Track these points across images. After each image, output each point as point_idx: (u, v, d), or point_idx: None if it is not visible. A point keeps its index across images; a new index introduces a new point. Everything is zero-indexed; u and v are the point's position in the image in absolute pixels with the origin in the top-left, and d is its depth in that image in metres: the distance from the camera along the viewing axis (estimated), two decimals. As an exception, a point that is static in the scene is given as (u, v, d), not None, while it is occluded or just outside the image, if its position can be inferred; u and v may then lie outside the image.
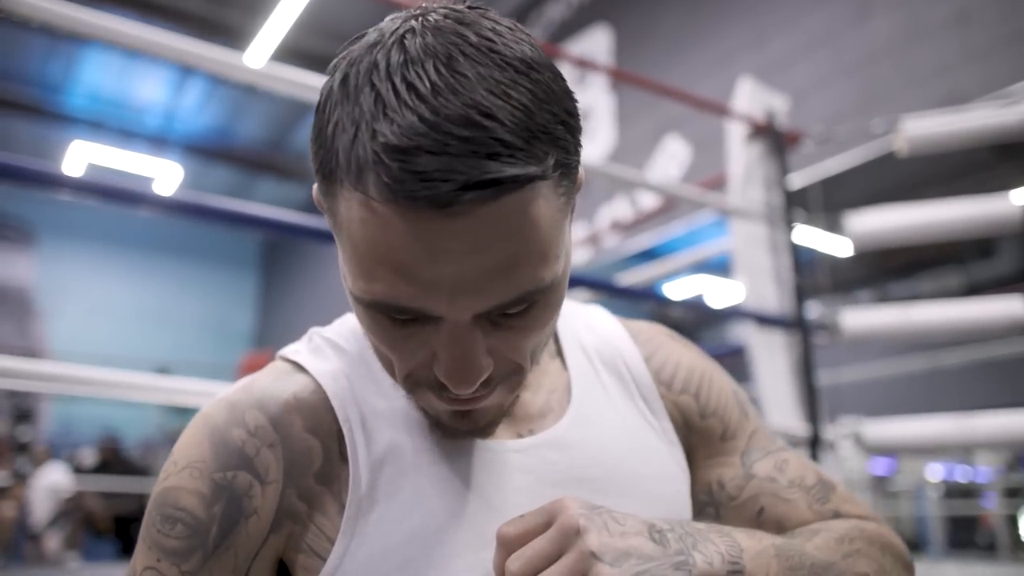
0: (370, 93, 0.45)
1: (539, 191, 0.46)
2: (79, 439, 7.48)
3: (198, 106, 7.68)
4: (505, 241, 0.45)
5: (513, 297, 0.47)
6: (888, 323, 2.01)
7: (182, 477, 0.55)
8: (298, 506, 0.56)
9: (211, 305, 10.39)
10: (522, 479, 0.58)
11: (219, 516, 0.54)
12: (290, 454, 0.57)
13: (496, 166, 0.43)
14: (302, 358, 0.62)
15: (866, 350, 7.36)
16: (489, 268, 0.46)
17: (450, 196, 0.42)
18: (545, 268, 0.48)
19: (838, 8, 3.87)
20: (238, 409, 0.58)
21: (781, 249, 2.16)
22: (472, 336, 0.49)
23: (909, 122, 2.03)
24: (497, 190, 0.43)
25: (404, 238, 0.44)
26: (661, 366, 0.69)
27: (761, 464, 0.66)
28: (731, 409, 0.69)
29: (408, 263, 0.45)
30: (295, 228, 1.35)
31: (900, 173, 4.31)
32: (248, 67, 1.37)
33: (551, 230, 0.48)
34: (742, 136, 2.24)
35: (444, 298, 0.46)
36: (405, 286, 0.46)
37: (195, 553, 0.53)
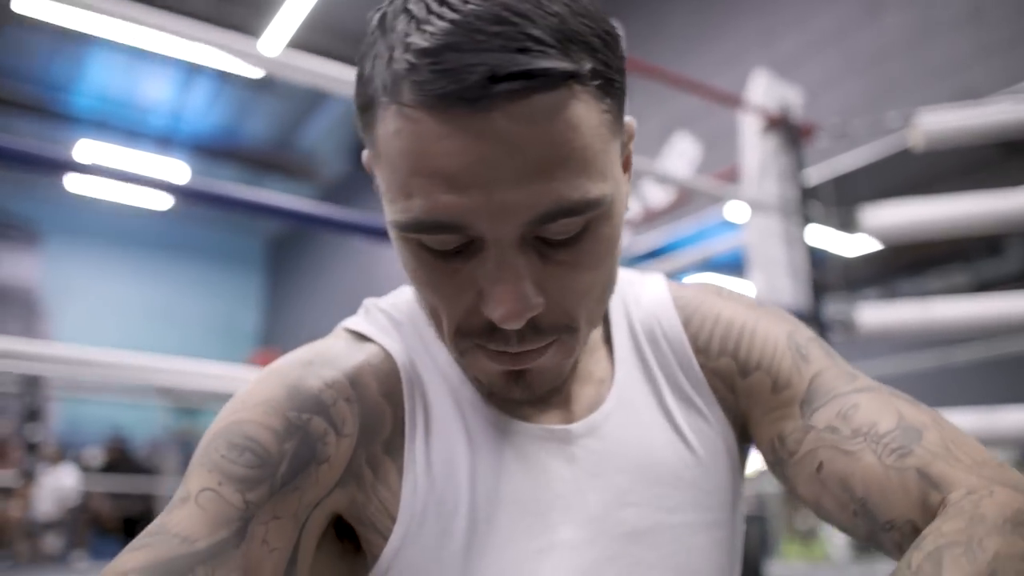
0: (404, 17, 0.44)
1: (576, 96, 0.44)
2: (86, 439, 7.49)
3: (204, 105, 7.69)
4: (543, 142, 0.43)
5: (556, 207, 0.44)
6: (905, 319, 1.99)
7: (255, 412, 0.51)
8: (364, 470, 0.54)
9: (217, 305, 10.41)
10: (568, 469, 0.57)
11: (290, 454, 0.50)
12: (365, 414, 0.54)
13: (526, 59, 0.41)
14: (364, 328, 0.60)
15: (879, 346, 7.33)
16: (528, 170, 0.43)
17: (479, 89, 0.41)
18: (588, 180, 0.45)
19: (849, 4, 3.86)
20: (313, 365, 0.55)
21: (796, 243, 2.14)
22: (518, 262, 0.46)
23: (925, 116, 2.01)
24: (529, 84, 0.42)
25: (439, 141, 0.43)
26: (698, 330, 0.65)
27: (823, 412, 0.57)
28: (781, 356, 0.62)
29: (444, 167, 0.43)
30: (307, 217, 1.33)
31: (911, 170, 4.29)
32: (263, 55, 1.36)
33: (594, 141, 0.45)
34: (757, 129, 2.22)
35: (482, 206, 0.44)
36: (442, 194, 0.44)
37: (262, 484, 0.48)
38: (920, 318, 1.97)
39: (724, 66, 4.39)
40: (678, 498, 0.58)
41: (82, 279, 9.38)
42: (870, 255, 6.67)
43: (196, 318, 10.04)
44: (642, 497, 0.57)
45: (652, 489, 0.57)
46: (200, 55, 1.33)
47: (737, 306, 0.66)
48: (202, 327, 10.04)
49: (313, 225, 1.36)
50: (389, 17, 0.46)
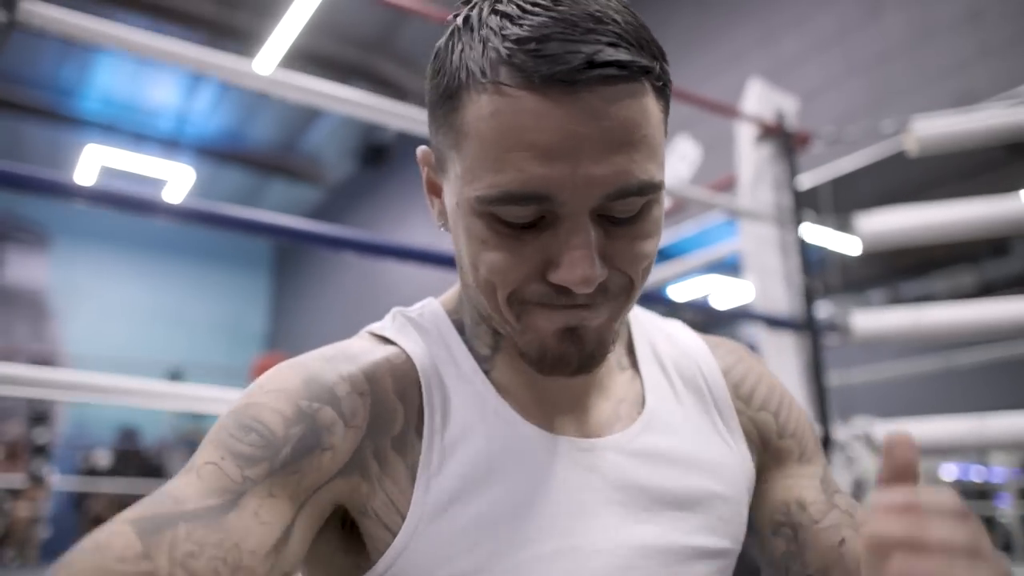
0: (495, 17, 0.51)
1: (647, 90, 0.51)
2: (94, 440, 7.54)
3: (210, 109, 7.73)
4: (624, 125, 0.49)
5: (629, 184, 0.50)
6: (899, 324, 2.00)
7: (267, 397, 0.55)
8: (370, 463, 0.56)
9: (224, 307, 10.45)
10: (588, 479, 0.59)
11: (295, 439, 0.53)
12: (377, 409, 0.57)
13: (616, 51, 0.48)
14: (389, 333, 0.63)
15: (880, 350, 7.32)
16: (611, 148, 0.49)
17: (578, 73, 0.47)
18: (653, 164, 0.52)
19: (849, 7, 3.86)
20: (332, 360, 0.58)
21: (791, 250, 2.15)
22: (592, 235, 0.51)
23: (919, 122, 2.02)
24: (619, 72, 0.48)
25: (535, 118, 0.48)
26: (740, 380, 0.70)
27: (841, 497, 0.66)
28: (808, 435, 0.70)
29: (539, 142, 0.48)
30: (305, 235, 1.36)
31: (912, 173, 4.29)
32: (258, 74, 1.38)
33: (657, 132, 0.52)
34: (751, 137, 2.23)
35: (568, 177, 0.49)
36: (535, 167, 0.49)
37: (262, 463, 0.51)
38: (914, 323, 1.98)
39: (724, 67, 4.40)
40: (695, 523, 0.61)
41: (90, 281, 9.43)
42: (874, 256, 6.67)
43: (203, 320, 10.08)
44: (660, 517, 0.59)
45: (671, 511, 0.60)
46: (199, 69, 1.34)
47: (771, 374, 0.74)
48: (209, 329, 10.08)
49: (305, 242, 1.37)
50: (476, 15, 0.52)
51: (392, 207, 7.75)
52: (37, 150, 8.47)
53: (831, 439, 1.96)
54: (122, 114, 7.66)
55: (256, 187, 9.36)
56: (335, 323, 8.79)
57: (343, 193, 8.99)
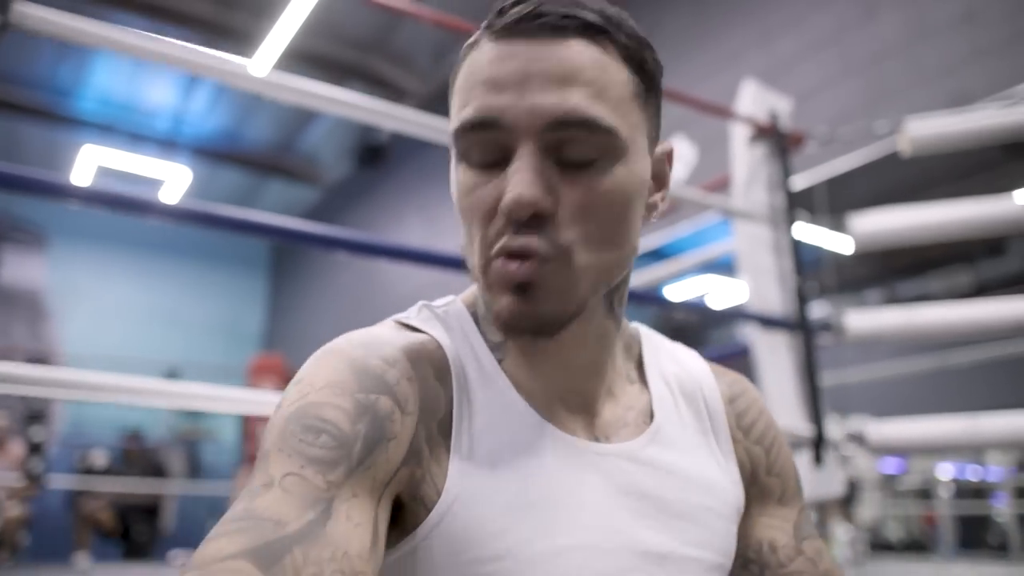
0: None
1: (608, 52, 0.57)
2: (91, 440, 7.54)
3: (207, 109, 7.73)
4: (571, 65, 0.55)
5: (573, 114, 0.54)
6: (892, 324, 2.01)
7: (323, 394, 0.53)
8: (423, 448, 0.56)
9: (221, 307, 10.45)
10: (599, 481, 0.61)
11: (363, 433, 0.52)
12: (424, 394, 0.58)
13: (570, 10, 0.56)
14: (416, 323, 0.64)
15: (876, 350, 7.34)
16: (554, 80, 0.55)
17: (526, 21, 0.55)
18: (604, 107, 0.56)
19: (844, 7, 3.87)
20: (373, 345, 0.58)
21: (784, 250, 2.16)
22: (537, 162, 0.55)
23: (912, 123, 2.03)
24: (564, 23, 0.55)
25: (491, 60, 0.56)
26: (743, 412, 0.73)
27: (809, 544, 0.69)
28: (792, 477, 0.73)
29: (492, 76, 0.56)
30: (298, 234, 1.36)
31: (907, 172, 4.30)
32: (253, 76, 1.39)
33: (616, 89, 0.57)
34: (745, 138, 2.24)
35: (515, 102, 0.55)
36: (489, 97, 0.55)
37: (341, 465, 0.50)
38: (907, 323, 1.99)
39: (721, 67, 4.41)
40: (694, 534, 0.63)
41: (87, 281, 9.43)
42: (870, 256, 6.68)
43: (200, 320, 10.08)
44: (663, 525, 0.61)
45: (673, 521, 0.62)
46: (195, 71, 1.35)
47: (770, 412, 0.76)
48: (206, 329, 10.08)
49: (300, 242, 1.38)
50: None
51: (388, 207, 7.76)
52: (34, 150, 8.47)
53: (824, 438, 1.97)
54: (119, 114, 7.66)
55: (253, 187, 9.36)
56: (332, 323, 8.79)
57: (340, 193, 8.99)
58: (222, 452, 8.93)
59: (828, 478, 1.96)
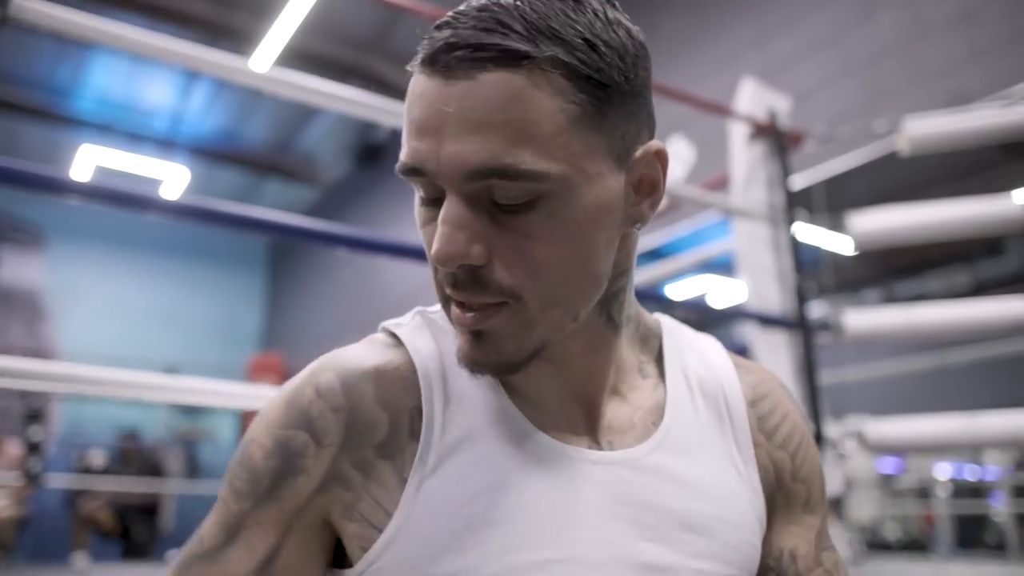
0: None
1: (534, 78, 0.50)
2: (89, 439, 7.53)
3: (205, 109, 7.73)
4: (489, 107, 0.50)
5: (489, 166, 0.50)
6: (890, 323, 2.01)
7: (257, 431, 0.60)
8: (351, 473, 0.57)
9: (219, 306, 10.44)
10: (594, 491, 0.58)
11: (272, 469, 0.58)
12: (353, 422, 0.58)
13: (488, 36, 0.50)
14: (403, 332, 0.64)
15: (875, 349, 7.35)
16: (470, 127, 0.50)
17: (440, 54, 0.51)
18: (528, 152, 0.50)
19: (842, 7, 3.87)
20: (319, 370, 0.61)
21: (783, 249, 2.17)
22: (462, 211, 0.52)
23: (911, 122, 2.03)
24: (483, 55, 0.50)
25: (415, 97, 0.53)
26: (767, 414, 0.69)
27: (828, 555, 0.67)
28: (817, 482, 0.70)
29: (415, 118, 0.53)
30: (298, 231, 1.36)
31: (906, 172, 4.31)
32: (253, 71, 1.39)
33: (545, 122, 0.51)
34: (744, 137, 2.24)
35: (434, 152, 0.51)
36: (413, 141, 0.53)
37: (248, 498, 0.58)
38: (905, 322, 2.00)
39: (719, 66, 4.41)
40: (701, 546, 0.60)
41: (85, 281, 9.42)
42: (869, 256, 6.69)
43: (198, 319, 10.07)
44: (666, 537, 0.59)
45: (677, 533, 0.59)
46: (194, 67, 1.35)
47: (798, 411, 0.72)
48: (204, 328, 10.07)
49: (299, 238, 1.39)
50: None
51: (387, 206, 7.76)
52: (32, 150, 8.46)
53: (823, 437, 1.97)
54: (117, 114, 7.66)
55: (251, 187, 9.35)
56: (330, 322, 8.78)
57: (338, 192, 8.98)
58: (220, 452, 8.91)
59: (827, 477, 1.96)
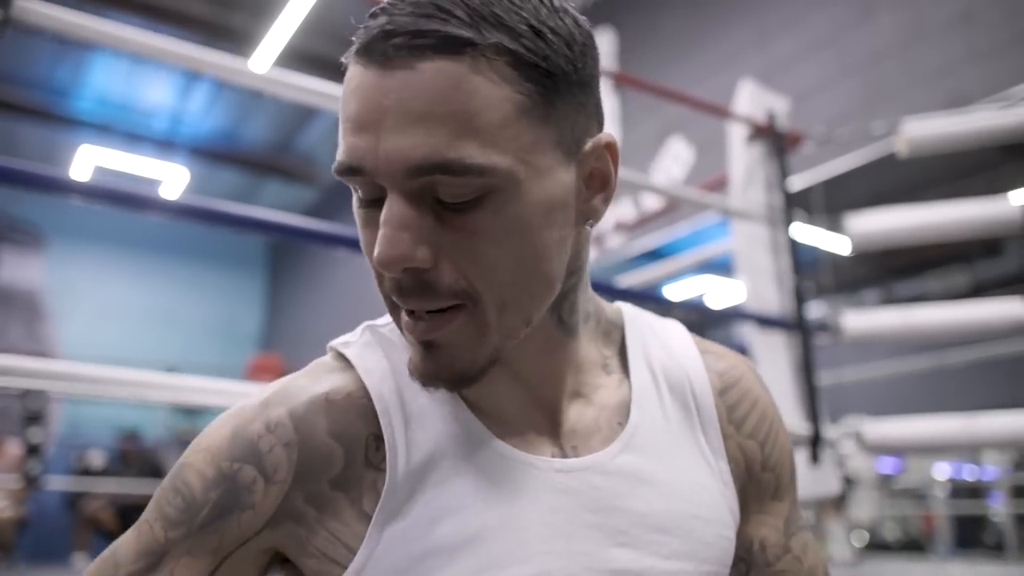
0: None
1: (477, 67, 0.47)
2: (88, 440, 7.53)
3: (204, 109, 7.73)
4: (429, 98, 0.47)
5: (432, 161, 0.47)
6: (889, 324, 2.02)
7: (197, 458, 0.56)
8: (304, 509, 0.55)
9: (219, 307, 10.44)
10: (561, 500, 0.57)
11: (213, 501, 0.55)
12: (305, 456, 0.56)
13: (427, 22, 0.47)
14: (351, 352, 0.61)
15: (874, 349, 7.35)
16: (411, 120, 0.47)
17: (378, 43, 0.47)
18: (473, 145, 0.47)
19: (841, 8, 3.88)
20: (268, 404, 0.58)
21: (782, 250, 2.17)
22: (405, 212, 0.49)
23: (909, 124, 2.04)
24: (421, 42, 0.47)
25: (352, 90, 0.49)
26: (736, 403, 0.67)
27: (796, 539, 0.67)
28: (786, 468, 0.68)
29: (352, 113, 0.49)
30: (298, 231, 1.37)
31: (905, 173, 4.32)
32: (253, 72, 1.39)
33: (490, 113, 0.48)
34: (743, 138, 2.25)
35: (373, 148, 0.48)
36: (350, 138, 0.49)
37: (181, 526, 0.55)
38: (903, 323, 2.00)
39: (718, 67, 4.42)
40: (675, 546, 0.58)
41: (85, 282, 9.42)
42: (868, 256, 6.70)
43: (198, 320, 10.07)
44: (638, 541, 0.57)
45: (650, 535, 0.58)
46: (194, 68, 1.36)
47: (768, 396, 0.70)
48: (204, 329, 10.07)
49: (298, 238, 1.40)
50: None
51: (387, 207, 7.76)
52: (32, 150, 8.46)
53: (821, 437, 1.98)
54: (117, 114, 7.66)
55: (251, 187, 9.35)
56: (330, 322, 8.79)
57: (338, 193, 8.98)
58: (220, 452, 8.91)
59: (825, 477, 1.97)
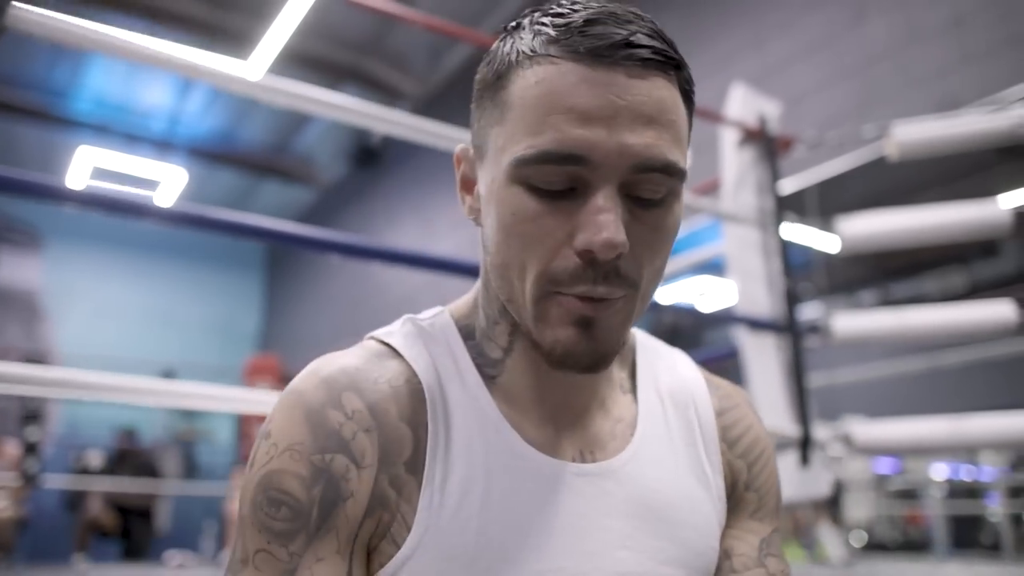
0: (546, 16, 0.56)
1: (675, 86, 0.56)
2: (86, 440, 7.54)
3: (202, 110, 7.73)
4: (656, 105, 0.53)
5: (658, 159, 0.53)
6: (879, 326, 2.04)
7: (283, 460, 0.56)
8: (389, 492, 0.57)
9: (217, 307, 10.44)
10: (579, 503, 0.61)
11: (319, 498, 0.55)
12: (385, 440, 0.58)
13: (649, 39, 0.54)
14: (396, 342, 0.64)
15: (871, 350, 7.37)
16: (643, 121, 0.53)
17: (616, 49, 0.52)
18: (679, 150, 0.55)
19: (835, 11, 3.90)
20: (334, 390, 0.59)
21: (773, 253, 2.19)
22: (618, 204, 0.54)
23: (899, 127, 2.06)
24: (654, 57, 0.53)
25: (577, 85, 0.52)
26: (731, 424, 0.72)
27: (774, 561, 0.69)
28: (772, 496, 0.72)
29: (579, 106, 0.52)
30: (291, 237, 1.38)
31: (900, 175, 4.33)
32: (247, 80, 1.41)
33: (684, 126, 0.57)
34: (735, 141, 2.27)
35: (604, 141, 0.52)
36: (574, 128, 0.52)
37: (299, 535, 0.54)
38: (893, 325, 2.02)
39: (713, 69, 4.43)
40: (672, 552, 0.63)
41: (83, 282, 9.42)
42: (864, 258, 6.71)
43: (196, 320, 10.08)
44: (639, 545, 0.61)
45: (650, 540, 0.62)
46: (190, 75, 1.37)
47: (761, 426, 0.75)
48: (202, 329, 10.08)
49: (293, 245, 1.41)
50: (528, 19, 0.58)
51: (384, 208, 7.77)
52: (29, 151, 8.46)
53: (811, 439, 1.99)
54: (114, 115, 7.67)
55: (249, 188, 9.36)
56: (328, 323, 8.80)
57: (335, 194, 9.00)
58: (218, 453, 8.92)
59: (814, 479, 1.98)
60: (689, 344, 8.40)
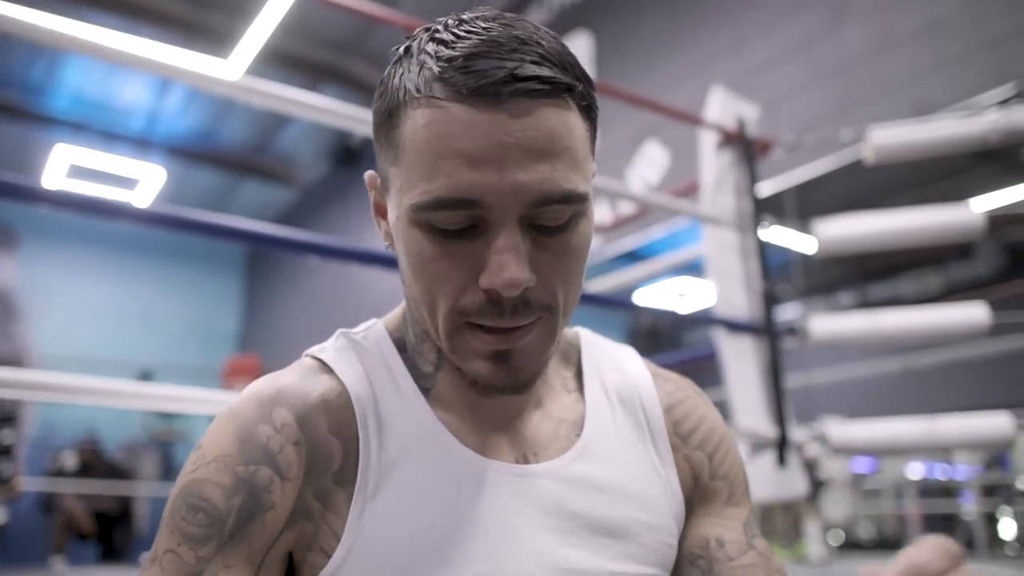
0: (432, 43, 0.55)
1: (570, 107, 0.54)
2: (62, 442, 7.45)
3: (182, 108, 7.67)
4: (547, 136, 0.53)
5: (554, 191, 0.53)
6: (855, 328, 2.06)
7: (208, 469, 0.57)
8: (313, 505, 0.58)
9: (195, 307, 10.36)
10: (520, 504, 0.61)
11: (237, 508, 0.56)
12: (312, 453, 0.59)
13: (536, 68, 0.52)
14: (328, 357, 0.65)
15: (850, 352, 7.44)
16: (534, 156, 0.52)
17: (500, 85, 0.51)
18: (577, 176, 0.54)
19: (814, 16, 3.94)
20: (266, 405, 0.60)
21: (751, 255, 2.21)
22: (520, 240, 0.54)
23: (876, 131, 2.08)
24: (540, 87, 0.52)
25: (464, 127, 0.52)
26: (682, 418, 0.73)
27: (760, 541, 0.70)
28: (739, 480, 0.73)
29: (467, 149, 0.52)
30: (270, 239, 1.38)
31: (877, 177, 4.38)
32: (226, 80, 1.40)
33: (581, 148, 0.55)
34: (713, 144, 2.28)
35: (496, 183, 0.52)
36: (464, 173, 0.52)
37: (211, 540, 0.55)
38: (869, 327, 2.04)
39: (693, 72, 4.46)
40: (620, 549, 0.63)
41: (60, 281, 9.31)
42: (842, 259, 6.78)
43: (174, 320, 9.99)
44: (584, 543, 0.62)
45: (595, 538, 0.62)
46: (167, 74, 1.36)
47: (716, 416, 0.76)
48: (180, 329, 9.99)
49: (271, 246, 1.41)
50: (416, 44, 0.57)
51: (364, 208, 7.73)
52: (5, 149, 8.35)
53: (787, 440, 2.01)
54: (92, 113, 7.59)
55: (228, 187, 9.30)
56: (307, 323, 8.76)
57: (316, 193, 8.96)
58: (196, 454, 8.85)
59: (791, 478, 2.00)
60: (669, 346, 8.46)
